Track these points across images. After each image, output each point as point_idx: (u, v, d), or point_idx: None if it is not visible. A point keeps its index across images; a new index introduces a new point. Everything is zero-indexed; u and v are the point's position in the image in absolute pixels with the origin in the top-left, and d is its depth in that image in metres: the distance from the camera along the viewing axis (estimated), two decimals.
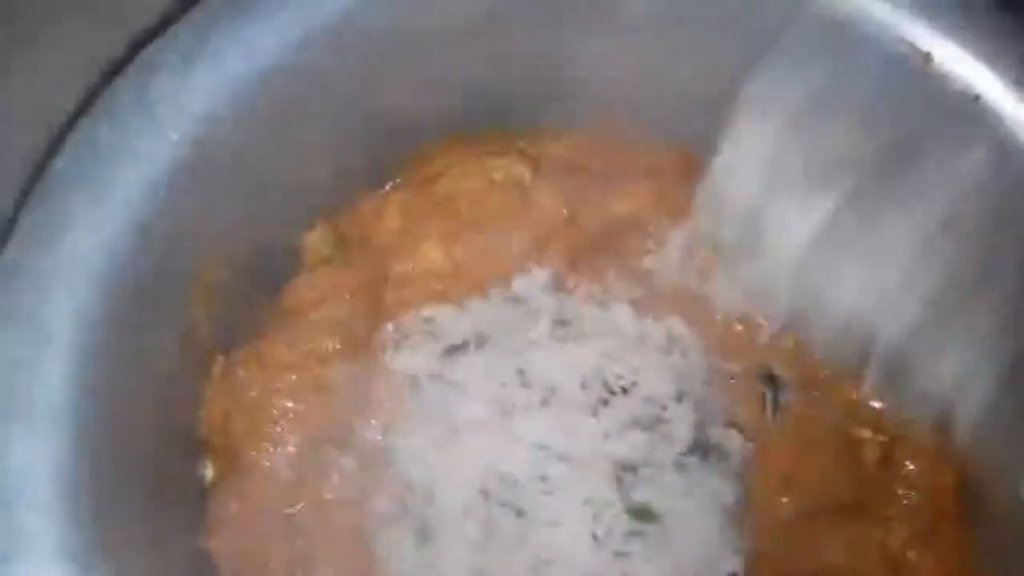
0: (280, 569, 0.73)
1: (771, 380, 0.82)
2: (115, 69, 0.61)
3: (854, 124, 0.70)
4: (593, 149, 0.88)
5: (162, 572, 0.68)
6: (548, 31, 0.80)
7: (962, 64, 0.68)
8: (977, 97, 0.67)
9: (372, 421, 0.80)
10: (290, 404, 0.76)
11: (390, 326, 0.82)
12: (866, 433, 0.81)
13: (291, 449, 0.76)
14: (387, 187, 0.87)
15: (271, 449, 0.76)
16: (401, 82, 0.80)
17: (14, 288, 0.61)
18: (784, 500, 0.78)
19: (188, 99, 0.62)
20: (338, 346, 0.78)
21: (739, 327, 0.82)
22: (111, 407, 0.64)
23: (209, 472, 0.78)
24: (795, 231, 0.75)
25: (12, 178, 0.62)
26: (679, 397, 0.77)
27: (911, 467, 0.78)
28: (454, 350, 0.80)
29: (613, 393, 0.77)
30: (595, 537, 0.71)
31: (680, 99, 0.84)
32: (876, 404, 0.82)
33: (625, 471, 0.74)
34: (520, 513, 0.73)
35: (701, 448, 0.76)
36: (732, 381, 0.82)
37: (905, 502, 0.78)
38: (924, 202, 0.69)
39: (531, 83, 0.84)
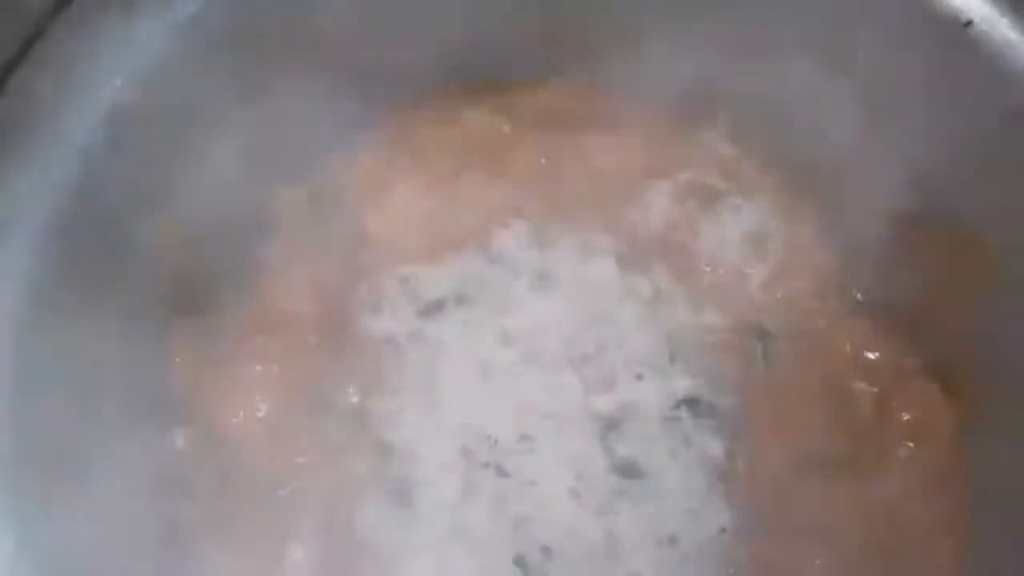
0: (255, 535, 0.71)
1: (761, 333, 0.79)
2: (53, 13, 0.57)
3: None
4: (573, 99, 0.85)
5: (129, 540, 0.66)
6: None
7: None
8: (969, 22, 0.64)
9: (348, 383, 0.78)
10: (261, 367, 0.74)
11: (365, 286, 0.79)
12: (860, 385, 0.79)
13: (264, 413, 0.74)
14: (359, 142, 0.84)
15: (243, 414, 0.73)
16: (372, 30, 0.77)
17: None
18: (776, 454, 0.75)
19: (133, 44, 0.59)
20: (311, 306, 0.76)
21: (727, 279, 0.79)
22: (68, 373, 0.61)
23: (179, 439, 0.75)
24: None
25: None
26: (665, 352, 0.75)
27: (907, 418, 0.76)
28: (432, 309, 0.77)
29: (597, 349, 0.74)
30: (579, 495, 0.69)
31: (668, 47, 0.80)
32: (870, 355, 0.79)
33: (609, 429, 0.72)
34: (501, 472, 0.70)
35: (689, 403, 0.74)
36: (721, 334, 0.79)
37: (900, 455, 0.75)
38: None
39: (508, 32, 0.81)
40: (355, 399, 0.77)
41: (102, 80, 0.58)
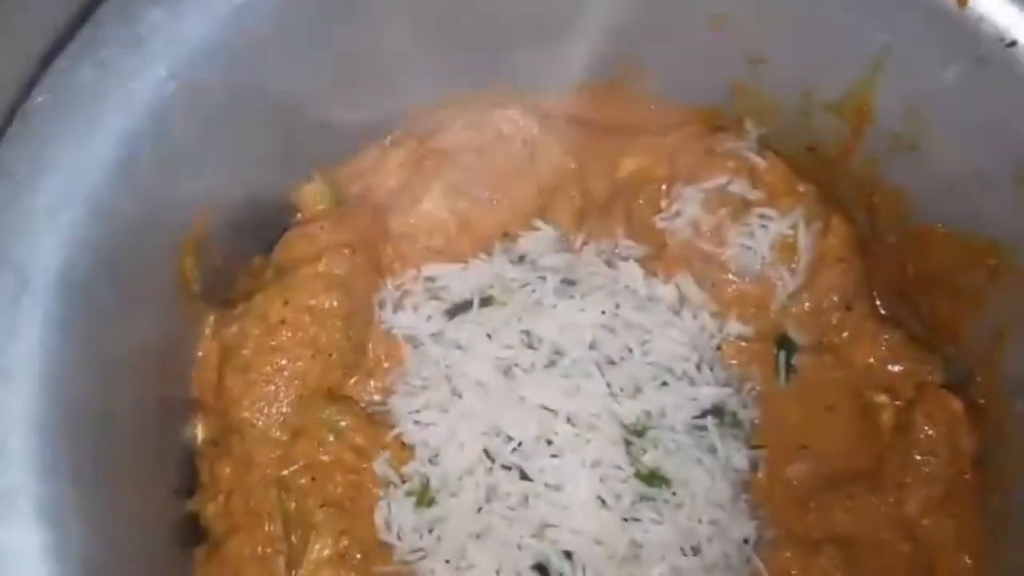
0: (273, 533, 0.71)
1: (785, 343, 0.79)
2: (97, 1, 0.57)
3: None
4: (603, 104, 0.85)
5: (147, 536, 0.65)
6: None
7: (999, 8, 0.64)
8: (1013, 43, 0.64)
9: (371, 381, 0.78)
10: (285, 362, 0.73)
11: (390, 284, 0.79)
12: (882, 398, 0.79)
13: (285, 409, 0.73)
14: (388, 139, 0.84)
15: (265, 409, 0.73)
16: (403, 28, 0.76)
17: None
18: (798, 466, 0.75)
19: (179, 34, 0.58)
20: (335, 303, 0.75)
21: (752, 288, 0.79)
22: (93, 363, 0.61)
23: (199, 432, 0.75)
24: None
25: None
26: (690, 359, 0.74)
27: (929, 432, 0.76)
28: (457, 310, 0.77)
29: (622, 355, 0.74)
30: (602, 501, 0.69)
31: (693, 55, 0.80)
32: (894, 368, 0.79)
33: (634, 435, 0.71)
34: (524, 476, 0.70)
35: (713, 412, 0.73)
36: (745, 344, 0.79)
37: (922, 469, 0.75)
38: None
39: (542, 37, 0.80)
40: (377, 397, 0.77)
41: (145, 70, 0.57)
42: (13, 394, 0.56)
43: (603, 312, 0.74)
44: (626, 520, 0.68)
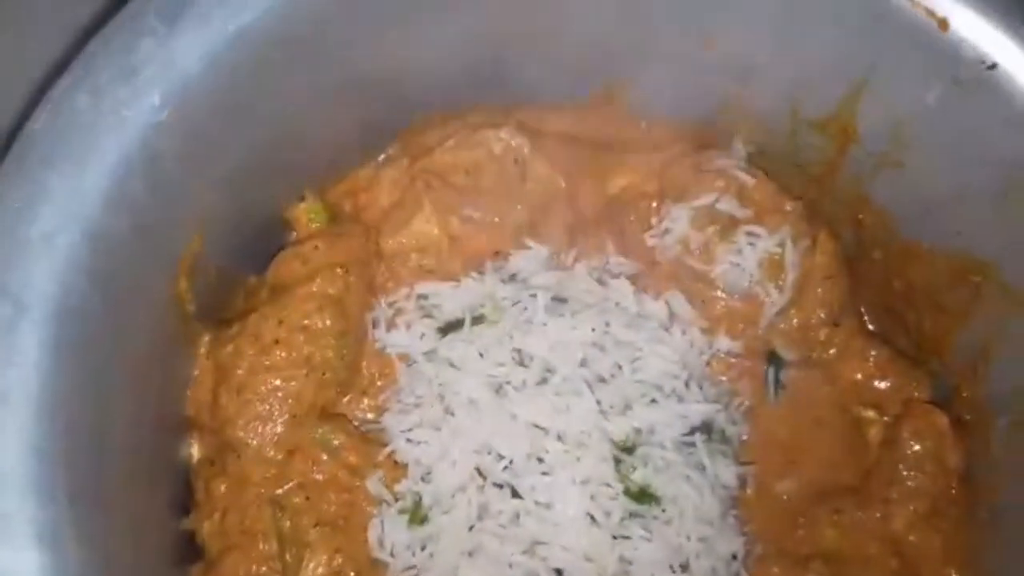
0: (268, 552, 0.71)
1: (773, 359, 0.80)
2: (92, 28, 0.57)
3: None
4: (593, 122, 0.85)
5: (144, 555, 0.66)
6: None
7: (980, 31, 0.65)
8: (993, 65, 0.65)
9: (364, 399, 0.78)
10: (279, 382, 0.74)
11: (383, 302, 0.80)
12: (870, 414, 0.80)
13: (280, 428, 0.74)
14: (380, 158, 0.84)
15: (259, 428, 0.73)
16: (396, 49, 0.77)
17: None
18: (786, 481, 0.76)
19: (171, 62, 0.59)
20: (329, 322, 0.76)
21: (741, 305, 0.80)
22: (89, 385, 0.61)
23: (195, 452, 0.76)
24: None
25: None
26: (679, 376, 0.75)
27: (915, 448, 0.76)
28: (449, 328, 0.78)
29: (612, 373, 0.75)
30: (592, 519, 0.69)
31: (682, 72, 0.81)
32: (880, 384, 0.80)
33: (624, 452, 0.72)
34: (515, 494, 0.71)
35: (702, 429, 0.74)
36: (733, 360, 0.80)
37: (908, 484, 0.76)
38: None
39: (531, 54, 0.81)
40: (371, 415, 0.78)
41: (139, 97, 0.58)
42: (10, 417, 0.57)
43: (593, 330, 0.75)
44: (615, 537, 0.69)
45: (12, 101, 0.58)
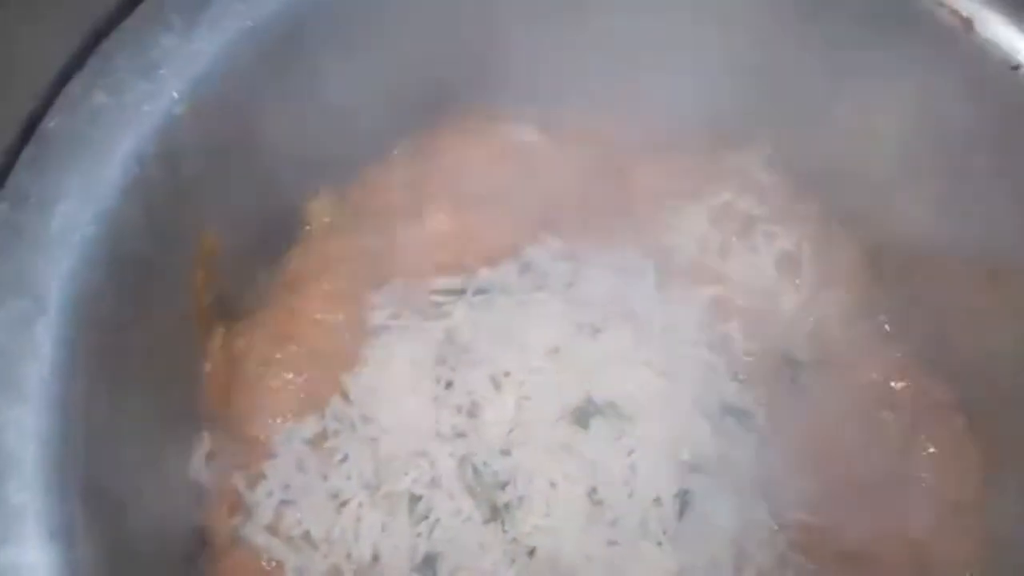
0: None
1: (790, 359, 0.80)
2: (109, 25, 0.57)
3: None
4: (611, 118, 0.85)
5: (157, 551, 0.66)
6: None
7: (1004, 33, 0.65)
8: (1018, 67, 0.64)
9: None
10: (291, 376, 0.74)
11: (396, 298, 0.79)
12: (886, 414, 0.79)
13: (293, 423, 0.73)
14: (394, 152, 0.84)
15: (272, 422, 0.73)
16: (412, 46, 0.76)
17: (3, 254, 0.57)
18: (804, 483, 0.76)
19: (190, 58, 0.59)
20: (341, 317, 0.76)
21: (759, 305, 0.79)
22: (104, 379, 0.61)
23: (207, 445, 0.75)
24: None
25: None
26: (697, 376, 0.75)
27: (933, 450, 0.76)
28: (462, 323, 0.77)
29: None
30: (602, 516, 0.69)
31: (702, 71, 0.80)
32: (897, 385, 0.80)
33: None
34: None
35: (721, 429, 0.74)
36: (751, 359, 0.79)
37: (925, 487, 0.75)
38: None
39: (547, 51, 0.80)
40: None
41: (157, 93, 0.58)
42: (26, 411, 0.57)
43: (610, 325, 0.75)
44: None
45: (29, 96, 0.58)
